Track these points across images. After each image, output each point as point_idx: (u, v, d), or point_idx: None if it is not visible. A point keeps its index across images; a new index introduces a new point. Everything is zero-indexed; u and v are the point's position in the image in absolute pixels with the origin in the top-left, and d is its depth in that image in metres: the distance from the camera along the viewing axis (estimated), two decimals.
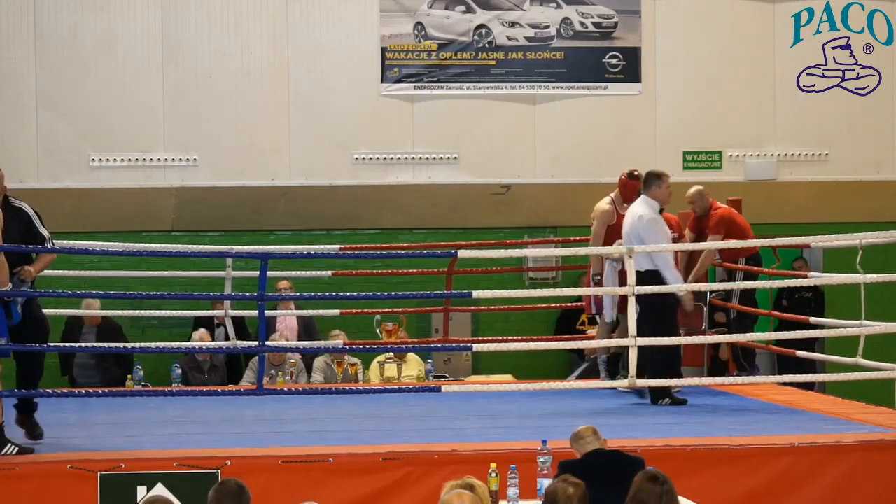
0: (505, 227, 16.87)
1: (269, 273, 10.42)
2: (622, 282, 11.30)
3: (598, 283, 12.18)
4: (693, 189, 13.36)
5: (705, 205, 13.24)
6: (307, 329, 15.22)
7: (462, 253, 11.31)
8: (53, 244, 9.54)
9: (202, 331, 14.75)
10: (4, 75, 15.75)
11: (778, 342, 13.20)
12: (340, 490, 8.83)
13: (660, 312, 11.13)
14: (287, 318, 15.09)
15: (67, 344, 14.50)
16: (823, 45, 16.82)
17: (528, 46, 16.41)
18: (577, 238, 14.97)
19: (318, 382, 14.16)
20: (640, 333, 10.64)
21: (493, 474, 7.92)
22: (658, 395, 11.35)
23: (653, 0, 16.56)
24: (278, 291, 14.96)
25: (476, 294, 10.89)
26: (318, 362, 14.48)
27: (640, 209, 11.37)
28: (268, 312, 12.71)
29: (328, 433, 10.44)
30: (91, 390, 12.65)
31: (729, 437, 9.70)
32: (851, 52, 16.84)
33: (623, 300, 12.17)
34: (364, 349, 14.00)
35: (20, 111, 15.75)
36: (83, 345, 14.12)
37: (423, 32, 16.28)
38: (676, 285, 11.32)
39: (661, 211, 11.35)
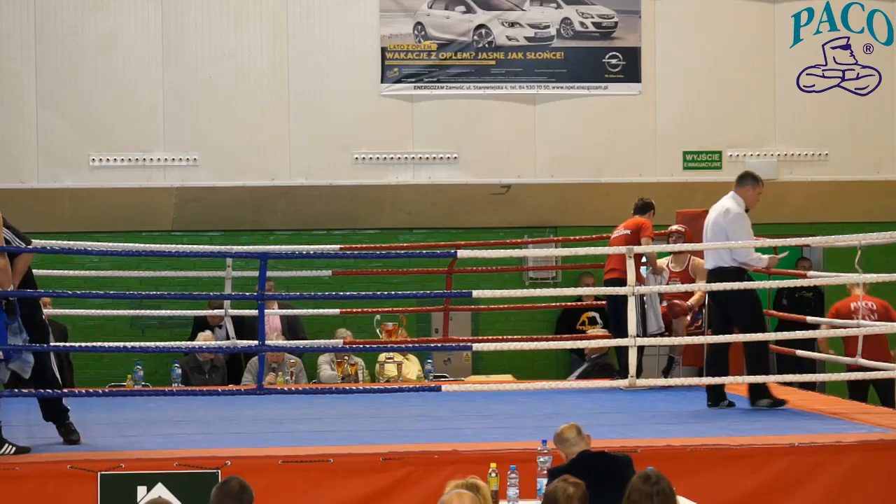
0: (505, 227, 16.88)
1: (270, 273, 10.42)
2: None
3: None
4: None
5: None
6: (292, 328, 15.16)
7: (461, 253, 11.30)
8: (25, 243, 9.40)
9: (207, 332, 14.73)
10: (4, 75, 15.75)
11: (778, 342, 13.19)
12: (340, 490, 8.83)
13: (744, 309, 11.26)
14: (270, 318, 15.04)
15: (67, 344, 14.42)
16: (823, 45, 16.82)
17: (528, 46, 16.41)
18: (577, 238, 15.04)
19: (326, 374, 14.21)
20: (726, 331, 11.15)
21: (493, 474, 7.92)
22: (758, 396, 11.42)
23: (653, 0, 16.56)
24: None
25: (476, 294, 10.89)
26: (325, 357, 14.58)
27: (727, 203, 11.32)
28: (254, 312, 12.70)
29: (328, 433, 10.44)
30: (91, 390, 12.62)
31: (729, 437, 9.70)
32: (851, 52, 16.84)
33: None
34: (364, 349, 14.01)
35: (20, 111, 15.75)
36: (85, 345, 14.05)
37: (423, 32, 16.28)
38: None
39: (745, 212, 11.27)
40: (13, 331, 9.11)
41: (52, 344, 9.78)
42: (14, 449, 9.00)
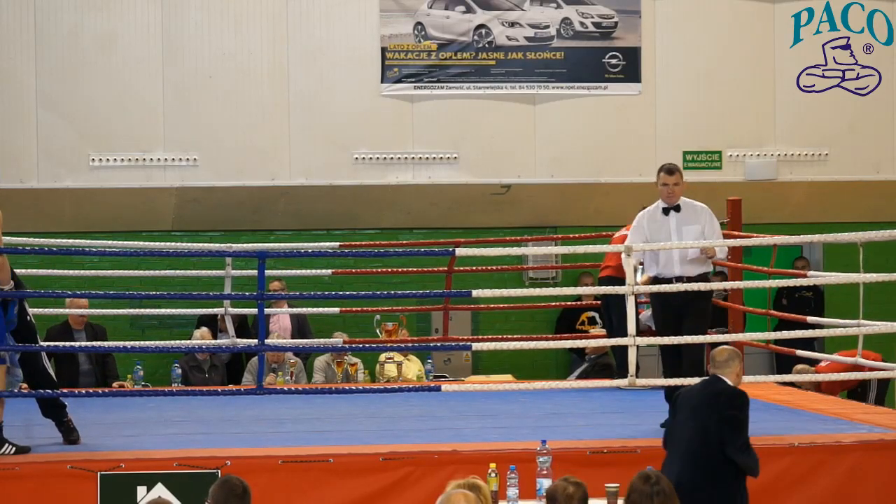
0: (505, 227, 16.87)
1: (269, 272, 10.42)
2: None
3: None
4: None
5: None
6: (301, 328, 15.19)
7: (460, 251, 11.27)
8: None
9: (203, 330, 14.73)
10: (4, 75, 15.75)
11: (777, 342, 13.18)
12: (340, 490, 8.83)
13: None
14: (280, 318, 15.07)
15: (67, 344, 14.39)
16: (823, 45, 16.82)
17: (528, 46, 16.41)
18: (577, 237, 15.04)
19: (319, 382, 14.16)
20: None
21: (493, 474, 7.92)
22: None
23: (653, 0, 16.56)
24: (271, 292, 14.92)
25: (476, 293, 10.89)
26: (319, 362, 14.49)
27: None
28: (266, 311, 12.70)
29: (328, 433, 10.44)
30: (91, 390, 12.62)
31: None
32: (851, 52, 16.85)
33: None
34: (364, 348, 14.01)
35: (20, 111, 15.75)
36: (84, 345, 14.03)
37: (423, 32, 16.28)
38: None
39: (666, 209, 10.23)
40: None
41: (52, 343, 9.79)
42: (14, 449, 9.01)
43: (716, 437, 7.62)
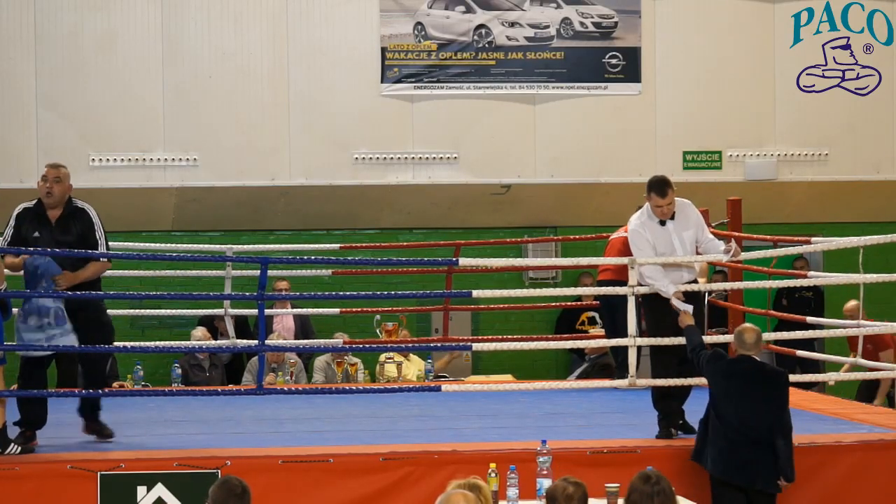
0: (505, 227, 16.88)
1: (272, 273, 10.43)
2: None
3: None
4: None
5: None
6: (304, 329, 15.21)
7: (462, 261, 11.19)
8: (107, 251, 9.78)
9: (201, 329, 14.72)
10: (4, 75, 15.75)
11: (778, 342, 13.18)
12: (340, 490, 8.83)
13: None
14: (284, 318, 15.09)
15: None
16: (823, 45, 16.82)
17: (528, 46, 16.41)
18: (577, 237, 15.06)
19: (319, 382, 14.16)
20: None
21: (493, 474, 7.93)
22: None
23: (653, 0, 16.56)
24: (277, 292, 14.94)
25: (476, 293, 10.88)
26: (319, 362, 14.50)
27: (636, 214, 10.26)
28: (267, 312, 12.70)
29: (328, 433, 10.45)
30: (91, 390, 12.59)
31: None
32: (851, 52, 16.85)
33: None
34: (364, 349, 14.00)
35: (20, 111, 15.75)
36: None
37: (423, 32, 16.28)
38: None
39: (663, 222, 9.87)
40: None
41: (55, 344, 9.81)
42: (19, 449, 9.05)
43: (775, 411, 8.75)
